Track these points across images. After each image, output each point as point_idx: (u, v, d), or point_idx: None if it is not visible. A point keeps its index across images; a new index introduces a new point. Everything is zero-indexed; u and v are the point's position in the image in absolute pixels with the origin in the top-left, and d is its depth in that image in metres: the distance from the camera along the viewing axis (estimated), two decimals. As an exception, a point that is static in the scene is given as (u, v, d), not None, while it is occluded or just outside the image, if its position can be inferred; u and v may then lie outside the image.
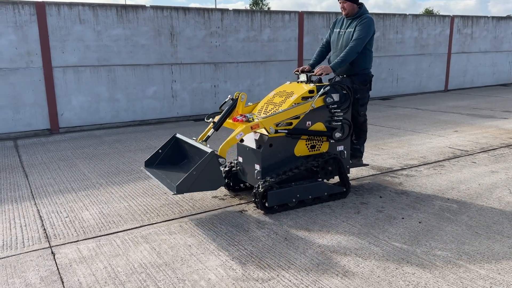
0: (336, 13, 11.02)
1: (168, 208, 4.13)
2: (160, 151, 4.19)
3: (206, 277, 2.89)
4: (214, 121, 4.21)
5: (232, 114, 4.22)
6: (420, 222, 3.71)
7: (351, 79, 4.48)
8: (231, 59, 9.71)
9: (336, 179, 4.48)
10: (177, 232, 3.60)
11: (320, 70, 4.24)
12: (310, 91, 4.08)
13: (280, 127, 3.95)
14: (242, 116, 3.97)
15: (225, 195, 4.46)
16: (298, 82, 4.40)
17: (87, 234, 3.58)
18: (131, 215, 3.98)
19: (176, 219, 3.88)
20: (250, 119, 3.97)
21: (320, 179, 4.21)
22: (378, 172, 5.17)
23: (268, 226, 3.68)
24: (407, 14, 12.47)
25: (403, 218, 3.80)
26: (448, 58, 13.61)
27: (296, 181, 4.10)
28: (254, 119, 3.96)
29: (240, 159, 4.32)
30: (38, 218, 3.94)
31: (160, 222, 3.80)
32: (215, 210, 4.06)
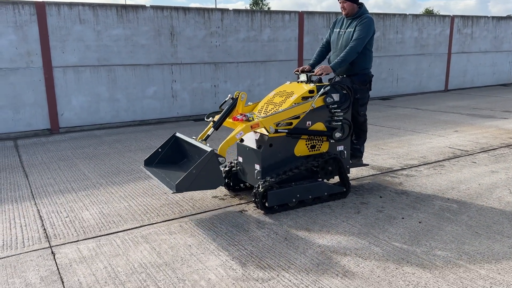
0: (336, 13, 11.02)
1: (168, 208, 4.13)
2: (159, 150, 4.19)
3: (206, 277, 2.89)
4: (214, 120, 4.20)
5: (232, 113, 4.22)
6: (420, 222, 3.71)
7: (351, 79, 4.48)
8: (231, 59, 9.71)
9: (336, 179, 4.48)
10: (177, 232, 3.60)
11: (320, 70, 4.24)
12: (310, 91, 4.08)
13: (280, 127, 3.95)
14: (242, 116, 3.97)
15: (225, 195, 4.46)
16: (298, 82, 4.40)
17: (87, 234, 3.58)
18: (131, 215, 3.98)
19: (176, 219, 3.88)
20: (250, 119, 3.97)
21: (320, 179, 4.21)
22: (378, 172, 5.17)
23: (268, 226, 3.68)
24: (407, 14, 12.47)
25: (403, 218, 3.80)
26: (448, 58, 13.61)
27: (296, 181, 4.09)
28: (254, 119, 3.96)
29: (240, 159, 4.32)
30: (38, 218, 3.94)
31: (160, 222, 3.80)
32: (215, 210, 4.06)
